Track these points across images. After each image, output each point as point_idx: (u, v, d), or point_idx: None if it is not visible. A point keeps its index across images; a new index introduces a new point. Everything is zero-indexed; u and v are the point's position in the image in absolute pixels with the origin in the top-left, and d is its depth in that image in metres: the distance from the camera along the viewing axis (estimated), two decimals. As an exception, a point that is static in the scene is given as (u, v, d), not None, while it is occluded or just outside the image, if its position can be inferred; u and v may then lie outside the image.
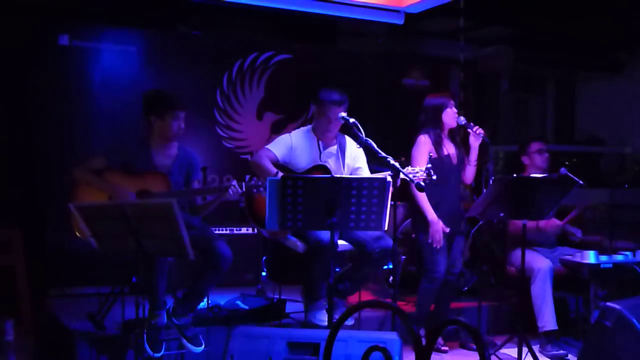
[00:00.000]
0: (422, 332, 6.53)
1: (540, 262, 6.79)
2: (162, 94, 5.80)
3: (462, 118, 6.47)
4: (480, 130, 6.38)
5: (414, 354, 3.48)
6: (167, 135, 5.73)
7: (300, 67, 9.09)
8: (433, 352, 6.55)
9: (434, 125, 6.52)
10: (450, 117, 6.48)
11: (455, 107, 6.54)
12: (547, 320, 6.67)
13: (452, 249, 6.61)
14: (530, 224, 6.84)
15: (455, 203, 6.59)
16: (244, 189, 5.55)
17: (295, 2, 7.97)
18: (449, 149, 6.52)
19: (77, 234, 5.36)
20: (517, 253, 6.41)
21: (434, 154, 6.30)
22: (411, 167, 5.82)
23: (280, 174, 5.94)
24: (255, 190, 5.60)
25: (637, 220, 9.76)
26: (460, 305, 7.43)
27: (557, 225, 7.04)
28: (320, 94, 6.19)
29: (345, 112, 6.04)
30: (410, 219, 6.98)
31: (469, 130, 6.43)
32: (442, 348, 6.71)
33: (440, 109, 6.51)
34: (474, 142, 6.48)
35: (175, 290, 6.36)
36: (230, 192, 5.50)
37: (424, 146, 6.47)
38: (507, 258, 7.21)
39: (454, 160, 6.53)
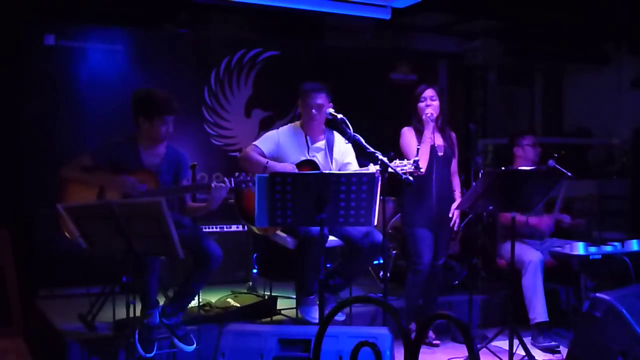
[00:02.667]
0: (413, 326, 6.54)
1: (530, 255, 6.81)
2: (152, 96, 5.68)
3: (429, 109, 6.45)
4: (430, 113, 6.40)
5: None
6: (155, 137, 5.69)
7: (288, 63, 9.08)
8: (425, 347, 6.60)
9: (414, 116, 6.55)
10: (422, 108, 6.49)
11: (437, 98, 6.52)
12: (538, 312, 6.69)
13: (438, 242, 6.62)
14: (519, 218, 6.86)
15: (443, 195, 6.58)
16: (232, 185, 5.54)
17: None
18: (436, 139, 6.51)
19: (66, 234, 5.34)
20: (507, 246, 6.42)
21: (418, 144, 6.32)
22: (406, 159, 5.82)
23: (271, 162, 5.96)
24: (244, 186, 5.58)
25: (626, 211, 9.80)
26: (451, 298, 7.44)
27: (549, 222, 7.07)
28: (301, 86, 6.25)
29: (331, 105, 6.07)
30: (399, 214, 6.98)
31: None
32: (434, 342, 6.72)
33: (416, 99, 6.54)
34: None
35: (167, 289, 6.36)
36: (212, 184, 5.49)
37: (409, 136, 6.50)
38: (497, 251, 7.23)
39: (440, 151, 6.52)
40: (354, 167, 6.34)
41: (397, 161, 5.67)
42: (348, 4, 8.23)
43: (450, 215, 6.57)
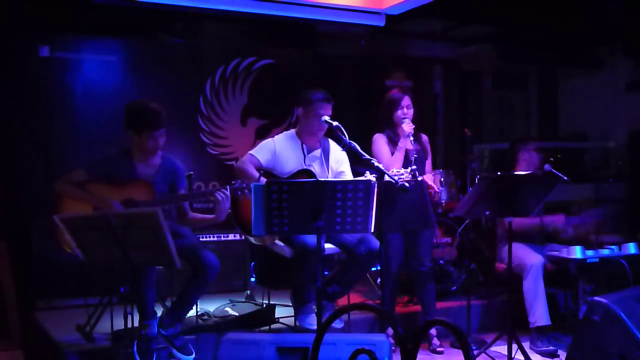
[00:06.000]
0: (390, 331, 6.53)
1: (532, 258, 6.80)
2: (142, 110, 5.65)
3: (407, 127, 6.41)
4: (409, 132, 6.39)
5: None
6: (145, 151, 5.68)
7: (283, 71, 9.08)
8: (429, 353, 6.61)
9: (387, 123, 6.55)
10: (399, 116, 6.47)
11: (412, 106, 6.51)
12: (540, 315, 6.68)
13: (419, 245, 6.62)
14: (533, 220, 6.93)
15: (416, 200, 6.56)
16: (228, 192, 5.54)
17: (275, 7, 7.98)
18: (408, 144, 6.45)
19: (63, 245, 5.33)
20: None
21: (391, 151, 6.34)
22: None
23: (263, 179, 5.93)
24: (240, 193, 5.59)
25: (622, 214, 9.81)
26: (449, 304, 7.43)
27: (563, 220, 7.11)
28: (307, 95, 6.18)
29: (329, 113, 6.06)
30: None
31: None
32: (438, 349, 6.68)
33: (394, 107, 6.52)
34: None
35: (165, 300, 6.35)
36: (218, 197, 5.49)
37: (380, 143, 6.50)
38: (498, 255, 7.23)
39: (412, 156, 6.47)
40: (347, 176, 6.32)
41: (395, 170, 5.66)
42: (342, 11, 8.23)
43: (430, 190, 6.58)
